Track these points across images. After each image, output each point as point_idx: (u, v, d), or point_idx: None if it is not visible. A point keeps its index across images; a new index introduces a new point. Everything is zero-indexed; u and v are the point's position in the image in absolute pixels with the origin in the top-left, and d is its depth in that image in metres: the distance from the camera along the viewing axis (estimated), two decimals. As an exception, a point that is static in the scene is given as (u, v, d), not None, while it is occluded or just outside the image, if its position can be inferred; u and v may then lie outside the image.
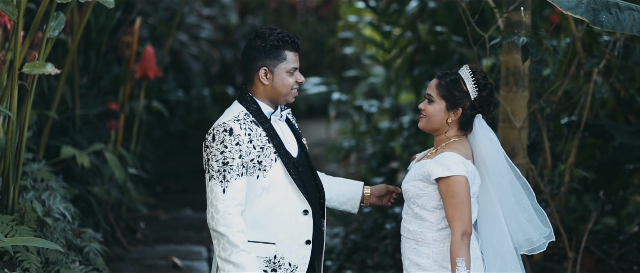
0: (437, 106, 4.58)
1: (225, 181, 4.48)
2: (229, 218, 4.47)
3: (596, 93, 7.07)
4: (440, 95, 4.57)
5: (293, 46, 4.62)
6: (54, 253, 5.85)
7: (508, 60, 6.39)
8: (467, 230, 4.44)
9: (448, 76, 4.59)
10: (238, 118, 4.57)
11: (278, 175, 4.58)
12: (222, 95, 12.83)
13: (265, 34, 4.60)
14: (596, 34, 7.17)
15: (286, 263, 4.60)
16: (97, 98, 8.62)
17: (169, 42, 9.24)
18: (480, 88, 4.55)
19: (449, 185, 4.45)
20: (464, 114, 4.57)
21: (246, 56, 4.65)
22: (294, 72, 4.63)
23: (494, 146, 4.59)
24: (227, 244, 4.47)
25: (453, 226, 4.44)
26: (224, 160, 4.49)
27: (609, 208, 7.87)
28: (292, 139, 4.71)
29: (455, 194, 4.43)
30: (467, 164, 4.50)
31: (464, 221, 4.43)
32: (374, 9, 9.32)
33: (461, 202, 4.43)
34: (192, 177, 10.67)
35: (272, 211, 4.58)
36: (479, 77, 4.56)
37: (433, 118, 4.59)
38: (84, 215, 7.66)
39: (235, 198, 4.49)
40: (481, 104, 4.57)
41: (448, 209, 4.45)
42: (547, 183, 6.69)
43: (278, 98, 4.65)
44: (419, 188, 4.55)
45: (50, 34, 5.78)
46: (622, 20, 5.11)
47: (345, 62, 14.50)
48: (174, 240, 8.56)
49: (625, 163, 7.15)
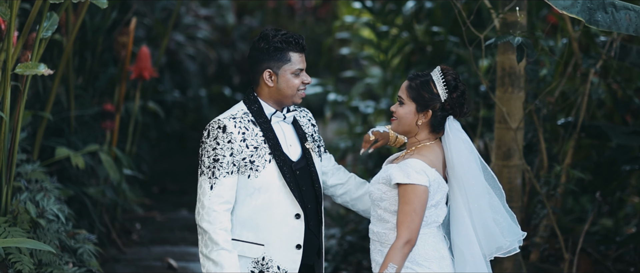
0: (407, 108, 4.56)
1: (213, 177, 4.49)
2: (213, 215, 4.48)
3: (593, 94, 7.05)
4: (410, 97, 4.55)
5: (298, 47, 4.59)
6: (47, 255, 5.82)
7: (504, 60, 6.37)
8: (412, 240, 4.44)
9: (418, 78, 4.57)
10: (235, 116, 4.56)
11: (271, 176, 4.55)
12: (218, 96, 12.80)
13: (269, 35, 4.58)
14: (593, 34, 7.15)
15: (274, 266, 4.58)
16: (92, 99, 8.59)
17: (164, 42, 9.22)
18: (451, 89, 4.52)
19: (406, 191, 4.44)
20: (435, 116, 4.54)
21: (251, 58, 4.63)
22: (300, 74, 4.60)
23: (466, 148, 4.56)
24: (208, 241, 4.48)
25: (399, 231, 4.43)
26: (214, 157, 4.49)
27: (607, 209, 7.84)
28: (294, 142, 4.69)
29: (409, 201, 4.43)
30: (429, 173, 4.49)
31: (411, 231, 4.43)
32: (370, 9, 9.29)
33: (413, 211, 4.43)
34: (189, 178, 10.64)
35: (263, 212, 4.56)
36: (450, 78, 4.53)
37: (403, 120, 4.58)
38: (79, 216, 7.64)
39: (222, 196, 4.49)
40: (452, 105, 4.54)
41: (399, 214, 4.45)
42: (544, 184, 6.67)
43: (283, 100, 4.62)
44: (382, 191, 4.55)
45: (43, 35, 5.75)
46: (618, 20, 5.09)
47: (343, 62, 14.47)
48: (170, 241, 8.54)
49: (622, 164, 7.13)
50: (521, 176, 6.57)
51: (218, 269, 4.45)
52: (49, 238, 5.99)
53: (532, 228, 7.03)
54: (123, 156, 8.16)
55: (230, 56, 13.57)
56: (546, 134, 7.10)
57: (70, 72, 7.97)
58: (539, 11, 8.25)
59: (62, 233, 6.22)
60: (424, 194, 4.44)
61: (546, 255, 7.05)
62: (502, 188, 4.71)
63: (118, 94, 8.38)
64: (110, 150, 8.04)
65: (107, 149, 7.95)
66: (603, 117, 7.83)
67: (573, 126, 6.92)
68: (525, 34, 5.70)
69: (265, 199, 4.55)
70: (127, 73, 8.38)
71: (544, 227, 6.87)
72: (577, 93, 7.13)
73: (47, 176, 6.71)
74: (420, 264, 4.53)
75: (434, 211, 4.56)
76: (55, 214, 6.21)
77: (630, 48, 6.93)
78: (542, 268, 6.84)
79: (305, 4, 15.50)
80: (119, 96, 8.35)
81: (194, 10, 12.54)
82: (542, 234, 6.88)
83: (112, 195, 8.12)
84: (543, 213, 6.84)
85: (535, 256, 6.90)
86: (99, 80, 8.73)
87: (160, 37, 10.11)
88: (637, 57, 6.90)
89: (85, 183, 7.96)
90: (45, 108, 7.15)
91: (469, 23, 6.17)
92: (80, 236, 6.45)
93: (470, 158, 4.56)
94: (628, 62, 6.95)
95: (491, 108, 7.45)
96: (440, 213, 4.58)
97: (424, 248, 4.55)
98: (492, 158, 6.58)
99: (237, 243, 4.57)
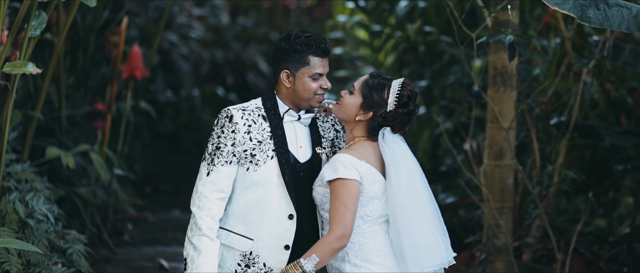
0: (353, 99, 4.53)
1: (212, 164, 4.51)
2: (203, 201, 4.51)
3: (586, 94, 7.02)
4: (361, 91, 4.53)
5: (319, 51, 4.56)
6: (36, 255, 5.79)
7: (496, 60, 6.34)
8: (345, 234, 4.41)
9: (378, 78, 4.55)
10: (245, 108, 4.57)
11: (271, 172, 4.54)
12: (212, 96, 12.77)
13: (291, 36, 4.56)
14: (586, 33, 7.12)
15: (260, 262, 4.57)
16: (84, 98, 8.54)
17: (156, 41, 9.18)
18: (400, 104, 4.50)
19: (335, 186, 4.42)
20: (373, 120, 4.52)
21: (272, 56, 4.64)
22: (319, 78, 4.57)
23: (397, 162, 4.48)
24: (193, 225, 4.52)
25: (331, 226, 4.42)
26: (217, 144, 4.52)
27: (602, 210, 7.82)
28: (306, 144, 4.65)
29: (339, 196, 4.41)
30: (360, 167, 4.45)
31: (343, 225, 4.40)
32: (363, 8, 9.26)
33: (343, 205, 4.40)
34: (182, 178, 10.60)
35: (257, 207, 4.55)
36: (405, 93, 4.50)
37: (345, 108, 4.54)
38: (70, 217, 7.60)
39: (217, 183, 4.51)
40: (393, 118, 4.50)
41: (331, 209, 4.44)
42: (536, 184, 6.64)
43: (300, 102, 4.60)
44: (321, 194, 4.54)
45: (32, 33, 5.71)
46: (610, 17, 5.07)
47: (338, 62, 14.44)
48: (162, 241, 8.50)
49: (615, 164, 7.10)
50: (513, 176, 6.55)
51: (196, 254, 4.48)
52: (37, 238, 5.96)
53: (525, 228, 7.00)
54: (114, 156, 8.12)
55: (223, 55, 13.53)
56: (539, 134, 7.07)
57: (61, 71, 7.92)
58: (533, 10, 8.22)
59: (52, 233, 6.19)
60: (353, 188, 4.42)
61: (539, 255, 7.01)
62: (438, 210, 4.60)
63: (109, 94, 8.34)
64: (101, 150, 7.99)
65: (98, 149, 7.90)
66: (597, 117, 7.80)
67: (566, 126, 6.89)
68: (517, 33, 5.67)
69: (261, 194, 4.54)
70: (118, 73, 8.34)
71: (537, 227, 6.84)
72: (570, 93, 7.10)
73: (38, 176, 6.67)
74: (373, 262, 4.50)
75: (378, 203, 4.52)
76: (44, 214, 6.17)
77: (623, 48, 6.90)
78: (534, 268, 6.81)
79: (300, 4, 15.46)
80: (111, 96, 8.31)
81: (187, 10, 12.50)
82: (535, 234, 6.85)
83: (104, 196, 8.08)
84: (535, 213, 6.82)
85: (527, 256, 6.87)
86: (91, 80, 8.69)
87: (153, 37, 10.07)
88: (630, 57, 6.88)
89: (76, 183, 7.91)
90: (36, 107, 7.10)
91: (460, 22, 6.15)
92: (70, 237, 6.41)
93: (404, 171, 4.48)
94: (621, 61, 6.93)
95: (485, 108, 7.42)
96: (386, 206, 4.53)
97: (376, 245, 4.51)
98: (484, 158, 6.56)
99: (228, 233, 4.59)
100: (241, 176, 4.54)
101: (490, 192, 6.49)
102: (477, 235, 7.31)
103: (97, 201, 8.07)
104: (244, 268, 4.58)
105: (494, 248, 6.51)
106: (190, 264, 4.50)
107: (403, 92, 4.50)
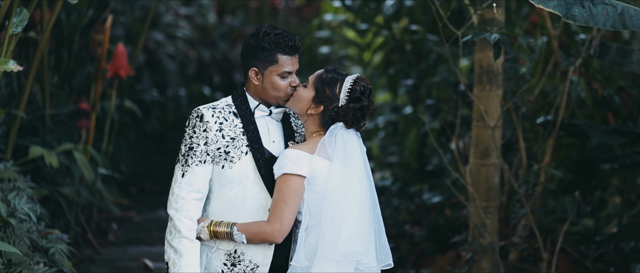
0: (306, 92, 4.51)
1: (186, 165, 4.49)
2: (180, 203, 4.47)
3: (572, 92, 7.00)
4: (315, 85, 4.51)
5: (287, 49, 4.51)
6: (17, 255, 5.73)
7: (482, 58, 6.32)
8: (282, 230, 4.41)
9: (332, 73, 4.52)
10: (215, 107, 4.55)
11: (247, 168, 4.51)
12: (198, 95, 12.73)
13: (260, 33, 4.53)
14: (573, 32, 7.10)
15: (247, 259, 4.55)
16: (68, 97, 8.49)
17: (141, 40, 9.13)
18: (350, 99, 4.46)
19: (278, 181, 4.42)
20: (324, 114, 4.49)
21: (242, 53, 4.61)
22: (288, 76, 4.54)
23: (339, 158, 4.45)
24: (172, 228, 4.48)
25: (270, 217, 4.41)
26: (190, 145, 4.49)
27: (589, 209, 7.80)
28: (278, 138, 4.62)
29: (279, 191, 4.41)
30: (310, 161, 4.41)
31: (281, 220, 4.40)
32: (349, 7, 9.23)
33: (282, 200, 4.40)
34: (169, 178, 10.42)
35: (237, 204, 4.52)
36: (358, 88, 4.47)
37: (297, 101, 4.52)
38: (54, 216, 7.55)
39: (192, 184, 4.48)
40: (345, 113, 4.47)
41: (272, 202, 4.43)
42: (522, 183, 6.62)
43: (268, 99, 4.58)
44: None
45: (13, 30, 5.66)
46: (595, 15, 5.04)
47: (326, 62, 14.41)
48: (147, 241, 8.46)
49: (601, 163, 7.08)
50: (499, 175, 6.53)
51: (177, 257, 4.45)
52: (19, 237, 5.91)
53: (511, 227, 6.99)
54: (98, 155, 8.06)
55: (210, 55, 13.50)
56: (525, 133, 7.05)
57: (45, 70, 7.86)
58: (521, 9, 8.20)
59: (34, 232, 6.13)
60: (295, 183, 4.40)
61: (525, 255, 7.00)
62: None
63: (94, 93, 8.29)
64: (85, 149, 7.94)
65: (82, 149, 7.84)
66: (584, 116, 7.79)
67: (552, 125, 6.87)
68: (503, 31, 5.64)
69: (239, 191, 4.51)
70: (103, 71, 8.28)
71: (523, 227, 6.82)
72: (556, 91, 7.08)
73: (21, 175, 6.62)
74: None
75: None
76: (26, 213, 6.12)
77: (610, 46, 6.88)
78: (520, 268, 6.80)
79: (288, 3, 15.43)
80: (95, 95, 8.25)
81: (174, 9, 12.47)
82: (521, 234, 6.83)
83: (88, 195, 8.03)
84: (522, 213, 6.79)
85: (513, 256, 6.85)
86: (76, 78, 8.64)
87: (138, 36, 10.02)
88: (617, 56, 6.86)
89: (60, 182, 7.86)
90: (20, 106, 7.05)
91: (446, 20, 6.12)
92: (53, 236, 6.36)
93: (352, 170, 4.45)
94: (608, 60, 6.91)
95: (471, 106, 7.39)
96: (321, 202, 4.47)
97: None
98: (470, 157, 6.53)
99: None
100: (217, 175, 4.52)
101: (476, 191, 6.47)
102: (463, 234, 7.29)
103: (81, 200, 8.02)
104: (230, 267, 4.56)
105: (480, 247, 6.49)
106: (172, 267, 4.47)
107: (355, 87, 4.47)
